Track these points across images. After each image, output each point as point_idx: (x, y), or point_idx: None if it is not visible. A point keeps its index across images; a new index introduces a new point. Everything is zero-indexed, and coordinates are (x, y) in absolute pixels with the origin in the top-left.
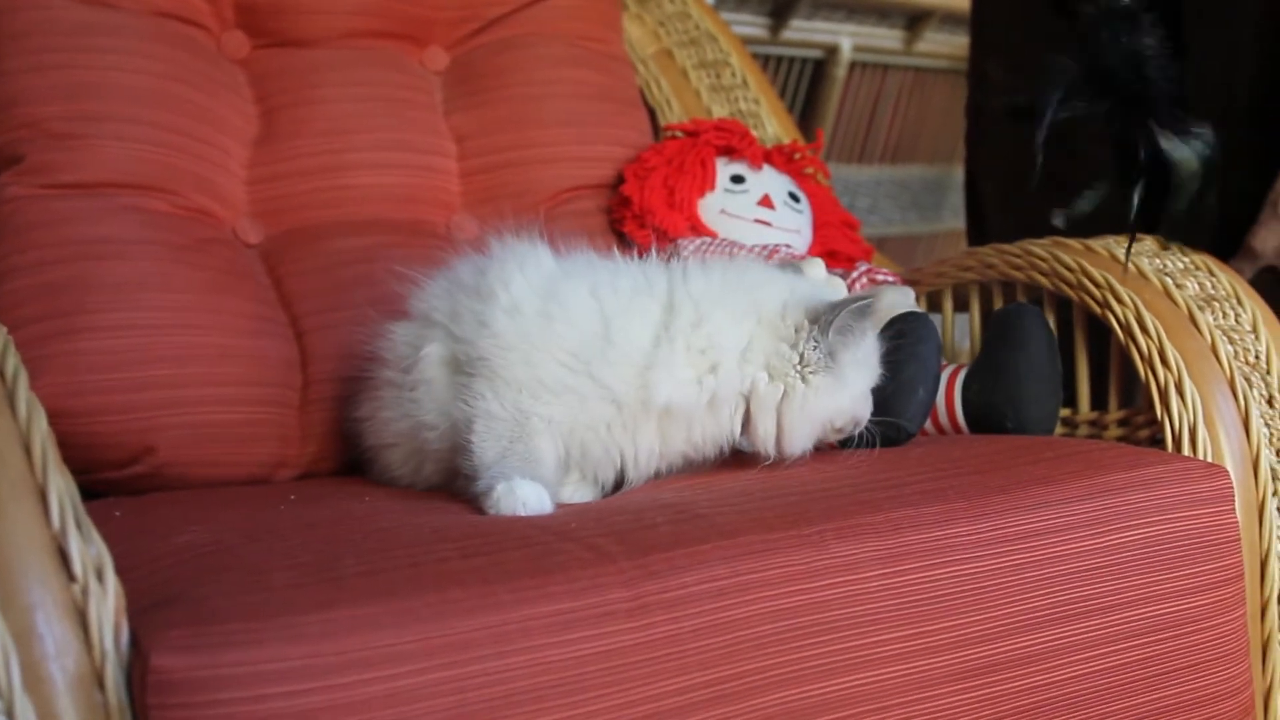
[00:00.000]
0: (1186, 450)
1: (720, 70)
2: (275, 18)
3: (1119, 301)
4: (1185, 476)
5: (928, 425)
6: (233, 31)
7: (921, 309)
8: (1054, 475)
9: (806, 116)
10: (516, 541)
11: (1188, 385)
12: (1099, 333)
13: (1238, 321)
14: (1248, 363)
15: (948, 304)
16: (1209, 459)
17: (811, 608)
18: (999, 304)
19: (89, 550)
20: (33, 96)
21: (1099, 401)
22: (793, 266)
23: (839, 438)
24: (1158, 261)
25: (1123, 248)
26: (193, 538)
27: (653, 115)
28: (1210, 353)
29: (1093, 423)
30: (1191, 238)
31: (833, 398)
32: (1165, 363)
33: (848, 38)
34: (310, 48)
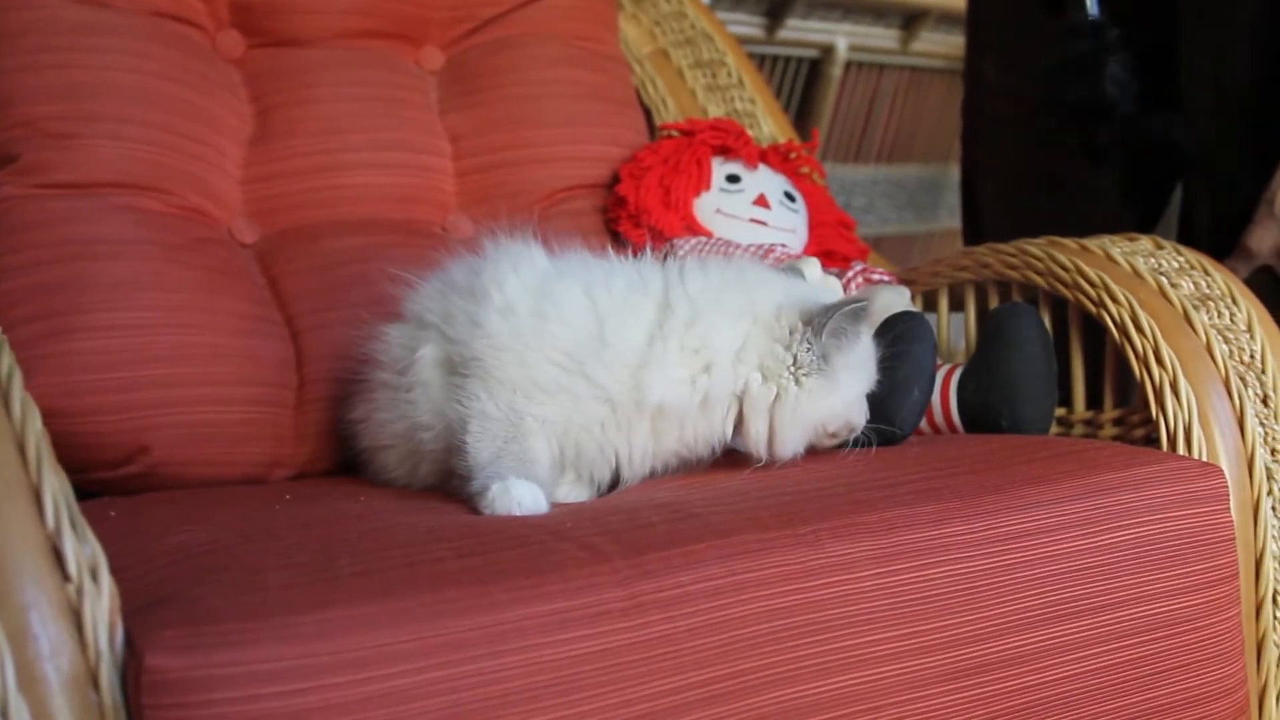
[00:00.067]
0: (1181, 449)
1: (716, 70)
2: (270, 17)
3: (1114, 301)
4: (1180, 476)
5: (923, 424)
6: (228, 31)
7: (917, 308)
8: (1049, 475)
9: (802, 116)
10: (512, 541)
11: (1183, 384)
12: (1094, 332)
13: (1233, 321)
14: (1243, 362)
15: (943, 303)
16: (1204, 458)
17: (806, 607)
18: (994, 303)
19: (84, 550)
20: (28, 96)
21: (1094, 401)
22: (791, 268)
23: (833, 443)
24: (1153, 261)
25: (1119, 248)
26: (187, 537)
27: (648, 115)
28: (1205, 352)
29: (1088, 422)
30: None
31: (825, 400)
32: (1160, 362)
33: (843, 37)
34: (305, 47)
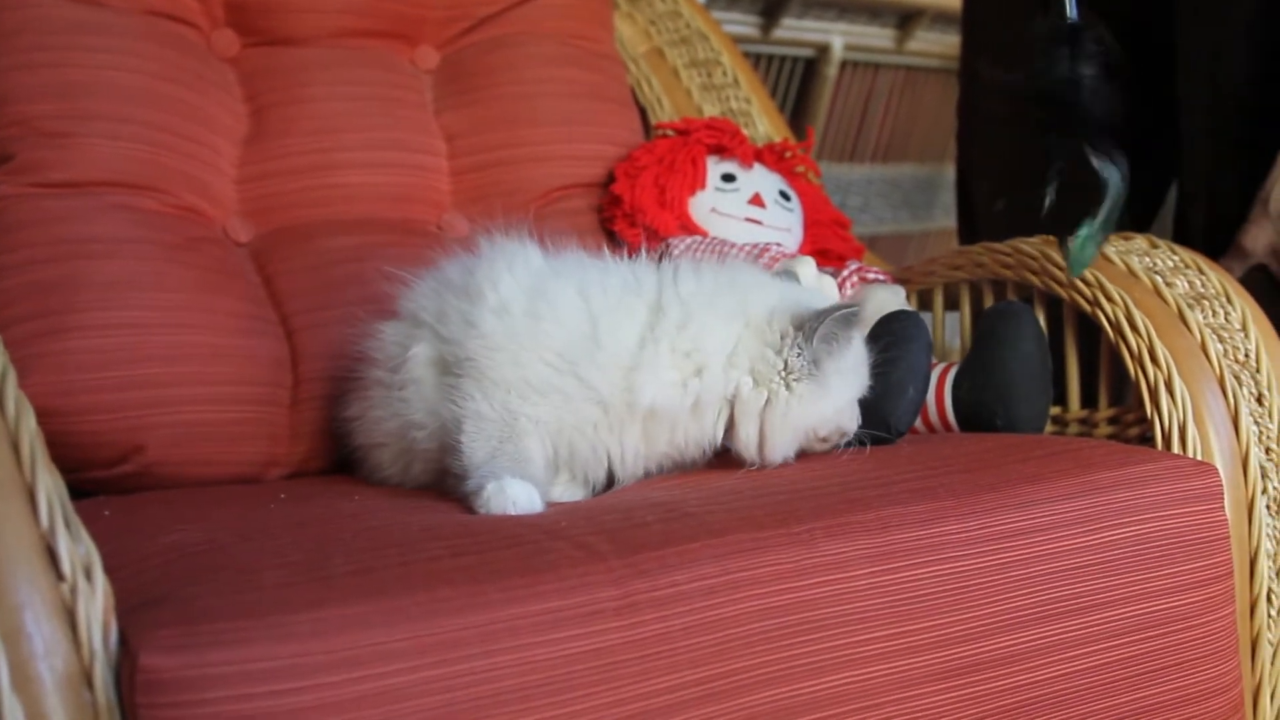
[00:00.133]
0: (1176, 448)
1: (711, 69)
2: (265, 16)
3: (1109, 300)
4: (1175, 474)
5: (918, 423)
6: (223, 30)
7: (912, 307)
8: (1043, 473)
9: (798, 115)
10: (506, 540)
11: (1177, 383)
12: (1089, 331)
13: (1227, 320)
14: (1237, 361)
15: (938, 302)
16: (1198, 457)
17: (800, 606)
18: (990, 302)
19: (78, 549)
20: (23, 95)
21: (1089, 400)
22: (785, 269)
23: (824, 448)
24: (1148, 260)
25: (1113, 247)
26: (182, 537)
27: (644, 114)
28: (1200, 351)
29: (1083, 421)
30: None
31: (816, 406)
32: (1155, 361)
33: (839, 36)
34: (300, 46)
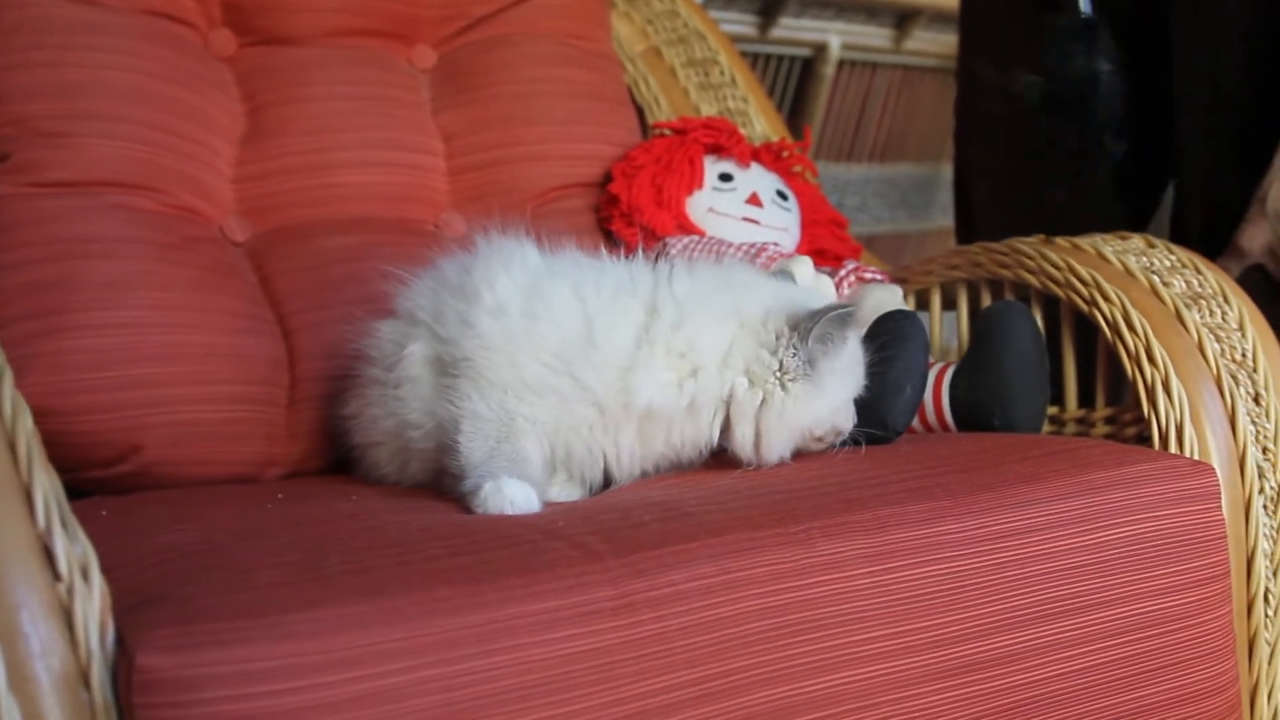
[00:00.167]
0: (1173, 448)
1: (708, 68)
2: (262, 16)
3: (1106, 299)
4: (1172, 474)
5: (915, 423)
6: (220, 29)
7: (909, 307)
8: (1040, 473)
9: (795, 115)
10: (504, 540)
11: (1174, 383)
12: (1086, 330)
13: (1224, 319)
14: (1234, 360)
15: (935, 302)
16: (1195, 456)
17: (798, 605)
18: (987, 302)
19: (74, 549)
20: (20, 94)
21: (1086, 399)
22: (782, 269)
23: (820, 447)
24: (1144, 259)
25: (1111, 246)
26: (179, 536)
27: (641, 113)
28: (1197, 350)
29: (1080, 420)
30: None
31: (811, 406)
32: (1152, 360)
33: (836, 36)
34: (297, 46)
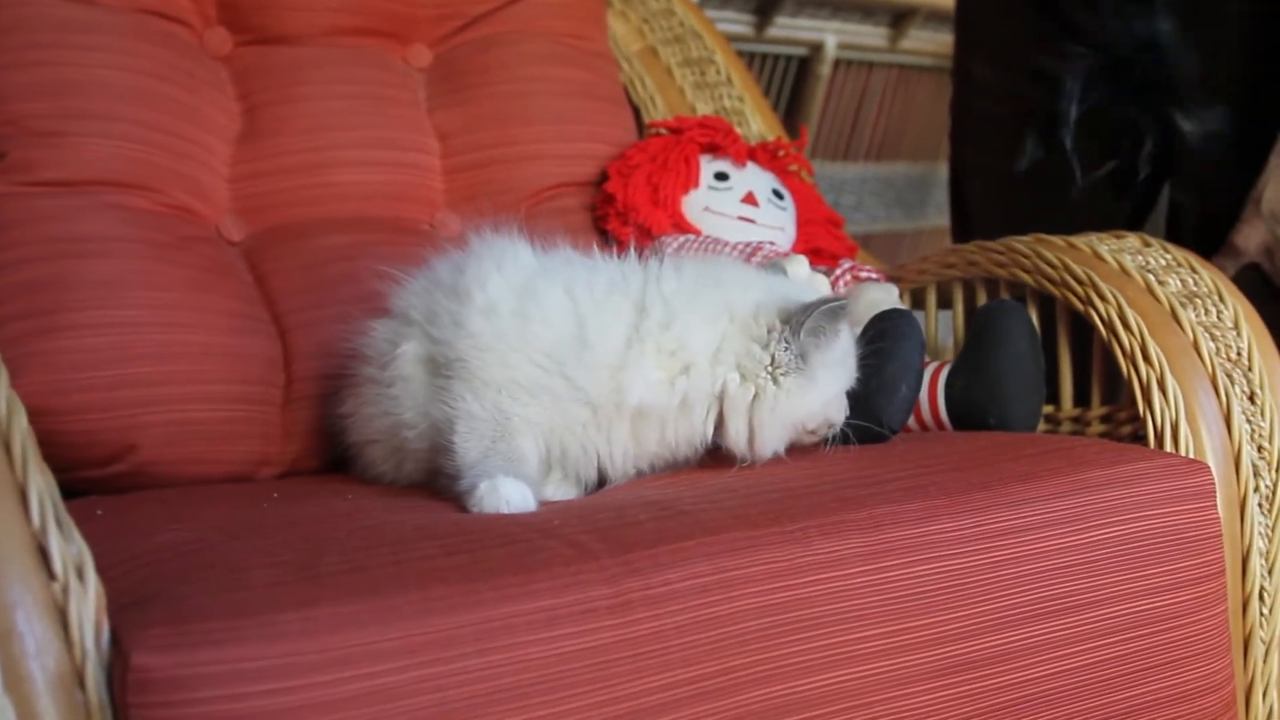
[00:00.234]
0: (1168, 446)
1: (705, 68)
2: (258, 14)
3: (1101, 298)
4: (1167, 473)
5: (911, 422)
6: (215, 28)
7: (905, 306)
8: (1036, 472)
9: (791, 114)
10: (499, 539)
11: (1170, 382)
12: (1082, 329)
13: (1219, 318)
14: (1229, 359)
15: (931, 301)
16: (1191, 455)
17: (794, 604)
18: (982, 301)
19: (69, 549)
20: (15, 93)
21: (1081, 398)
22: (775, 266)
23: (813, 440)
24: (1140, 258)
25: (1106, 245)
26: (174, 536)
27: (637, 113)
28: (1192, 349)
29: (1075, 419)
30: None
31: (804, 400)
32: (1147, 359)
33: (832, 35)
34: (293, 45)
